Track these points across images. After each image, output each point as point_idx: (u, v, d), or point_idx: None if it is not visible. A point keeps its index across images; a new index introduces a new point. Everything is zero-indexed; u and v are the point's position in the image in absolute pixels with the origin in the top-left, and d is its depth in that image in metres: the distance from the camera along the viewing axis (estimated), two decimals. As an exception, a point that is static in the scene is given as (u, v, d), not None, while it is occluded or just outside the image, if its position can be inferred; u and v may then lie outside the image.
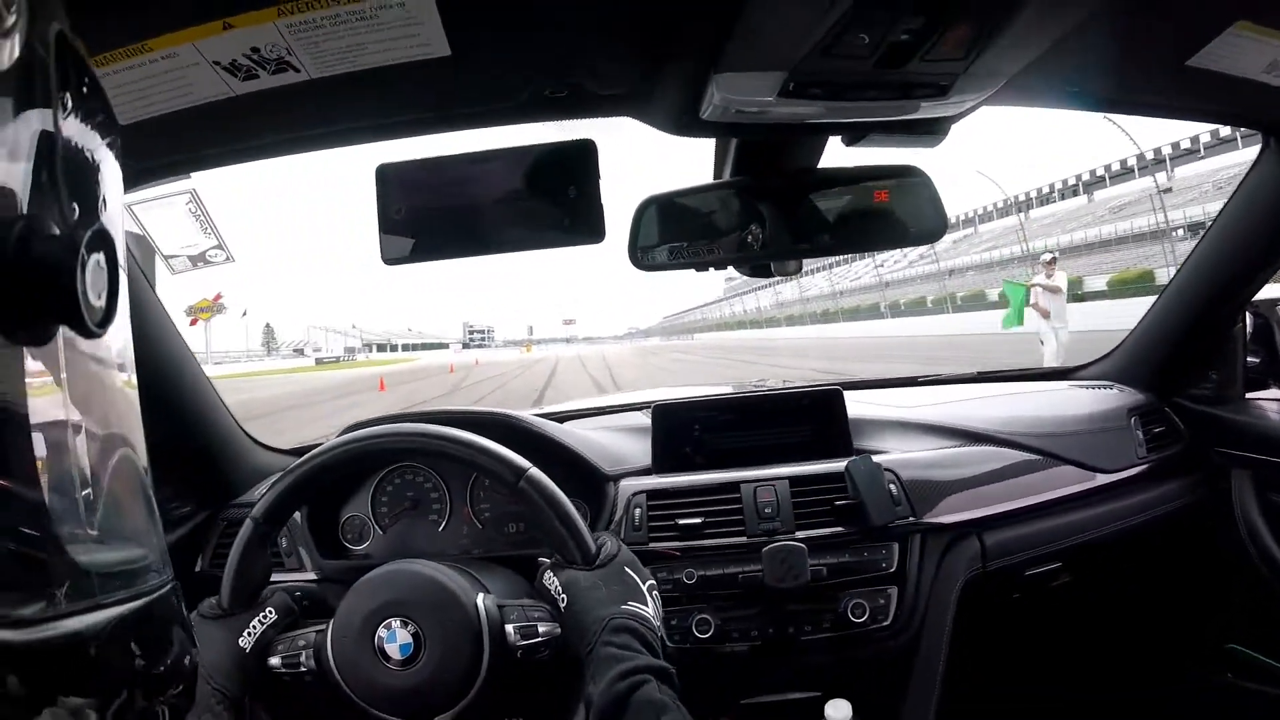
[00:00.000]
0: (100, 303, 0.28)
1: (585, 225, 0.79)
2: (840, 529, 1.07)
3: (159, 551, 0.35)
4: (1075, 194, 42.36)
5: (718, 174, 0.96)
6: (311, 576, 1.10)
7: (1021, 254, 34.45)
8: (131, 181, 0.90)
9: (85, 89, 0.30)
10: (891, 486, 1.08)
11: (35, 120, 0.26)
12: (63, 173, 0.28)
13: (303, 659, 0.78)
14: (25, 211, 0.26)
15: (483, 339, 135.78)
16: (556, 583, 0.76)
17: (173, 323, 1.09)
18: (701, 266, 0.88)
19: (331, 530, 1.15)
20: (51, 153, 0.27)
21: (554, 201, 0.79)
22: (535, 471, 0.80)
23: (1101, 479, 1.20)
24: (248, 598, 0.81)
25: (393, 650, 0.74)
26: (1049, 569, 1.15)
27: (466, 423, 0.91)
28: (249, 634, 0.78)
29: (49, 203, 0.27)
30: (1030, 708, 1.37)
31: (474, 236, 0.81)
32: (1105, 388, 1.38)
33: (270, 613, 0.81)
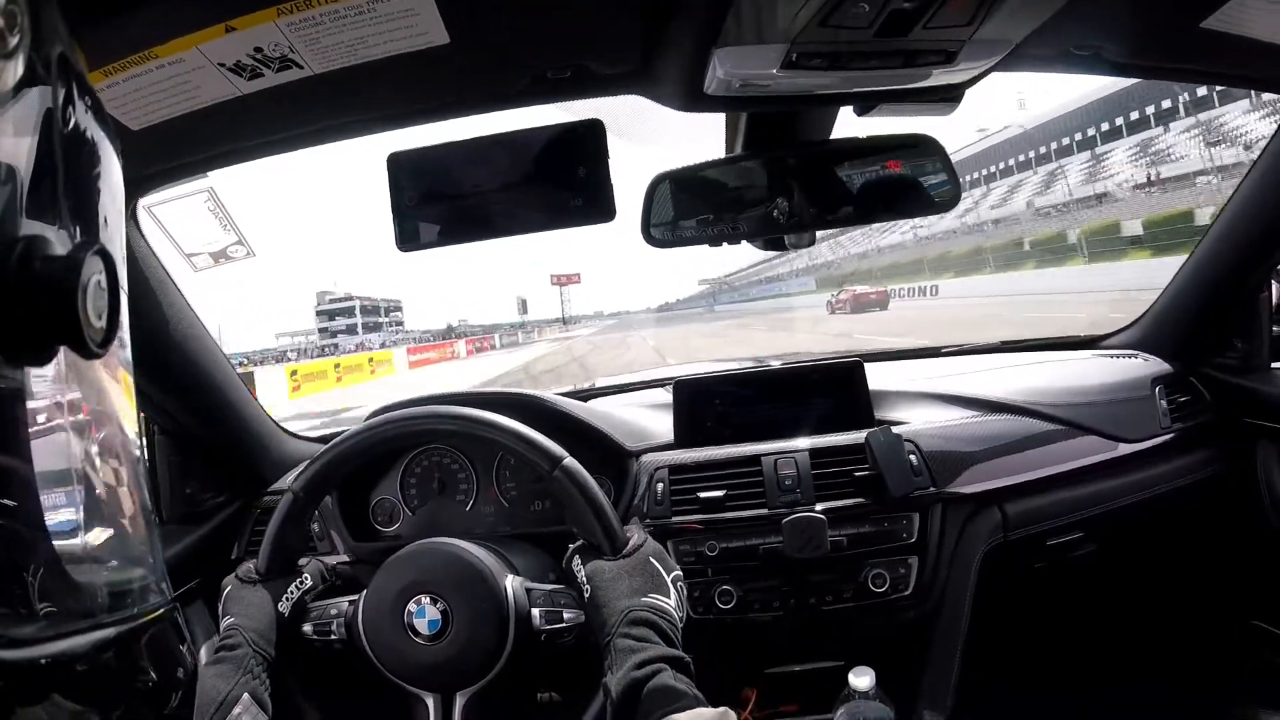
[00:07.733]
0: (101, 323, 0.28)
1: (596, 204, 0.80)
2: (860, 500, 1.07)
3: (159, 571, 0.35)
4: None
5: (729, 149, 0.95)
6: (344, 558, 1.12)
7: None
8: (149, 184, 0.92)
9: (88, 109, 0.30)
10: (912, 457, 1.08)
11: (36, 140, 0.26)
12: (63, 193, 0.28)
13: (334, 628, 0.81)
14: (26, 233, 0.25)
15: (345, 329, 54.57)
16: (583, 571, 0.77)
17: (200, 320, 1.11)
18: (717, 241, 0.89)
19: (362, 513, 1.17)
20: (52, 173, 0.27)
21: (564, 182, 0.80)
22: (571, 461, 0.81)
23: (1124, 449, 1.18)
24: (284, 565, 0.84)
25: (421, 625, 0.76)
26: (1071, 539, 1.15)
27: (491, 403, 0.92)
28: (287, 599, 0.81)
29: (49, 223, 0.27)
30: (1051, 678, 1.37)
31: (486, 220, 0.82)
32: (1130, 356, 1.36)
33: (306, 579, 0.84)
